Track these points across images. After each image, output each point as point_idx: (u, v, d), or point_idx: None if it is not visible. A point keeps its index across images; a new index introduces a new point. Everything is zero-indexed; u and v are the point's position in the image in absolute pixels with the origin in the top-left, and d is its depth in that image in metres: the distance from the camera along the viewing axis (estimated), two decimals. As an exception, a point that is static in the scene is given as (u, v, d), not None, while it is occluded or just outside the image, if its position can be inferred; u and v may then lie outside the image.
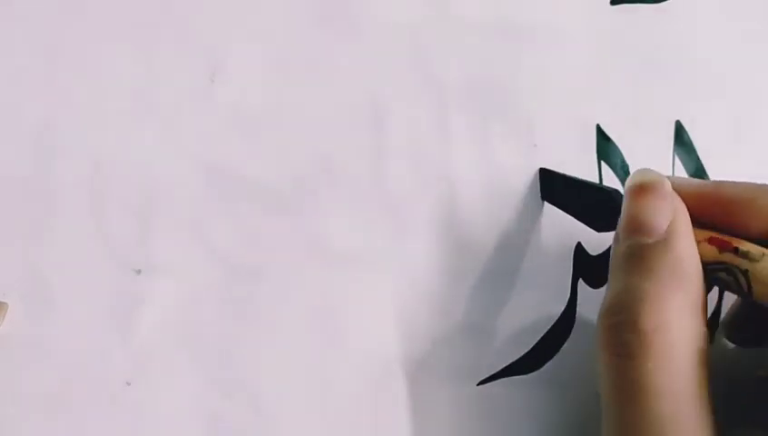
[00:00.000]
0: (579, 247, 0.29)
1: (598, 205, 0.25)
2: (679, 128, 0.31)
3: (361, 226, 0.28)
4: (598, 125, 0.30)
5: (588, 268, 0.29)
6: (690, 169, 0.31)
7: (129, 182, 0.27)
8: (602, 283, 0.29)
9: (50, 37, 0.27)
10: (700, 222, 0.24)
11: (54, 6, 0.27)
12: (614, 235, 0.25)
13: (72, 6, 0.27)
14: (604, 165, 0.30)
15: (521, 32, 0.29)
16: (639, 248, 0.23)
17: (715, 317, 0.29)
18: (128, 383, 0.26)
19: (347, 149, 0.28)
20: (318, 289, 0.27)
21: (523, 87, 0.29)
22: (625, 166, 0.30)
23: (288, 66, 0.28)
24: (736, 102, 0.31)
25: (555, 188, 0.29)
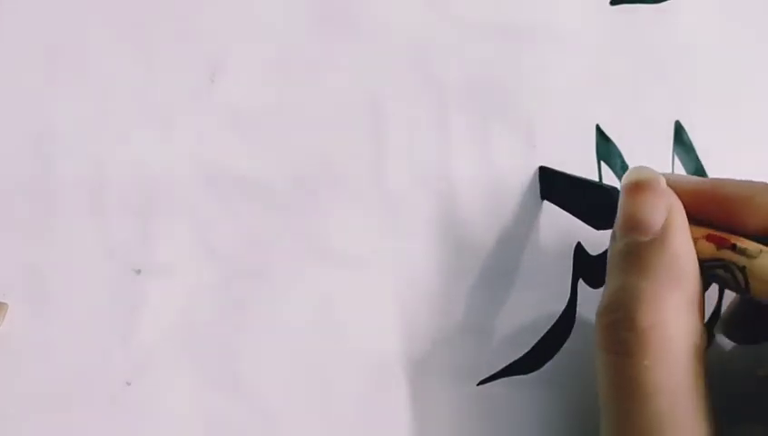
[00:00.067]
0: (579, 247, 0.29)
1: (598, 203, 0.25)
2: (678, 128, 0.31)
3: (361, 226, 0.28)
4: (598, 125, 0.30)
5: (588, 268, 0.29)
6: (689, 169, 0.31)
7: (129, 182, 0.27)
8: (602, 283, 0.29)
9: (50, 37, 0.27)
10: (697, 219, 0.24)
11: (54, 6, 0.27)
12: (611, 233, 0.25)
13: (72, 6, 0.27)
14: (603, 165, 0.30)
15: (521, 32, 0.29)
16: (635, 246, 0.23)
17: (715, 317, 0.29)
18: (128, 383, 0.26)
19: (347, 149, 0.28)
20: (318, 289, 0.27)
21: (523, 87, 0.29)
22: (625, 166, 0.30)
23: (288, 66, 0.28)
24: (736, 102, 0.31)
25: (554, 186, 0.29)
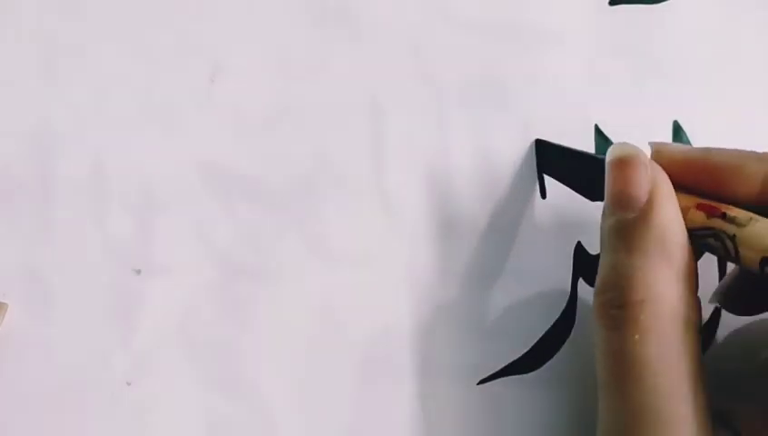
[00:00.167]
0: (579, 246, 0.29)
1: (594, 176, 0.25)
2: (677, 128, 0.31)
3: (361, 226, 0.28)
4: (596, 125, 0.30)
5: (588, 267, 0.29)
6: (688, 169, 0.31)
7: (129, 182, 0.27)
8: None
9: (50, 37, 0.27)
10: (688, 188, 0.24)
11: (54, 6, 0.27)
12: (601, 211, 0.25)
13: (72, 6, 0.27)
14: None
15: (521, 32, 0.30)
16: (623, 223, 0.24)
17: (714, 320, 0.30)
18: (128, 383, 0.26)
19: (347, 149, 0.28)
20: (317, 289, 0.27)
21: (522, 87, 0.29)
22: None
23: (288, 66, 0.28)
24: (734, 102, 0.31)
25: (550, 159, 0.29)
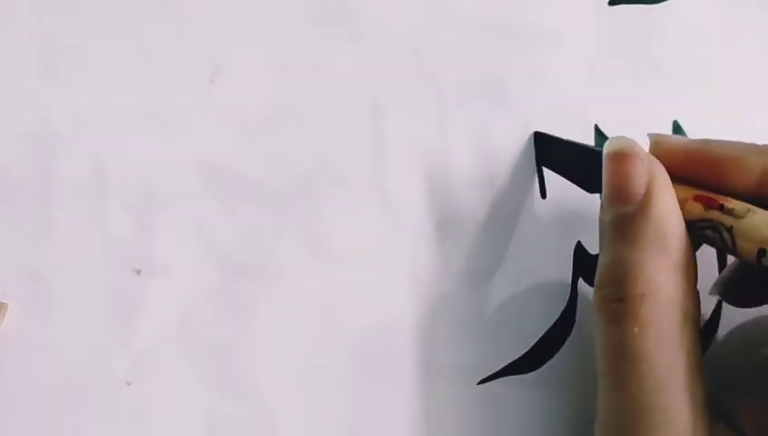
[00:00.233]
0: (579, 246, 0.29)
1: (592, 168, 0.25)
2: (676, 128, 0.31)
3: (361, 226, 0.28)
4: (596, 125, 0.30)
5: (588, 267, 0.29)
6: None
7: (129, 182, 0.27)
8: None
9: (50, 37, 0.27)
10: (686, 179, 0.24)
11: (54, 6, 0.27)
12: (600, 205, 0.25)
13: (72, 6, 0.27)
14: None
15: (521, 32, 0.30)
16: (621, 217, 0.24)
17: (713, 323, 0.30)
18: (128, 383, 0.26)
19: (347, 149, 0.28)
20: (317, 289, 0.27)
21: (522, 87, 0.29)
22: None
23: (288, 66, 0.28)
24: (734, 102, 0.31)
25: (549, 152, 0.29)
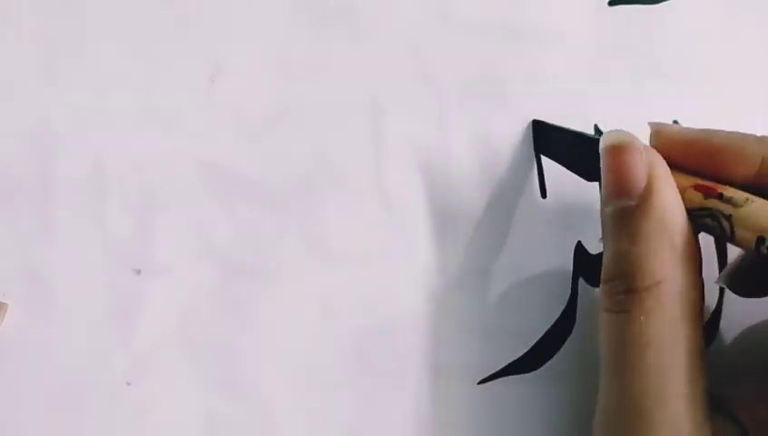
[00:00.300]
0: (579, 246, 0.29)
1: (591, 157, 0.25)
2: (677, 128, 0.31)
3: (361, 226, 0.28)
4: (596, 125, 0.30)
5: (588, 267, 0.29)
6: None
7: (129, 182, 0.27)
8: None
9: (50, 37, 0.27)
10: (685, 168, 0.24)
11: (54, 6, 0.27)
12: (600, 198, 0.25)
13: (72, 6, 0.27)
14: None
15: (521, 32, 0.30)
16: (624, 210, 0.24)
17: (716, 316, 0.30)
18: (128, 383, 0.26)
19: (347, 149, 0.28)
20: (317, 289, 0.27)
21: (522, 87, 0.29)
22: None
23: (288, 66, 0.28)
24: (733, 102, 0.31)
25: (548, 140, 0.29)
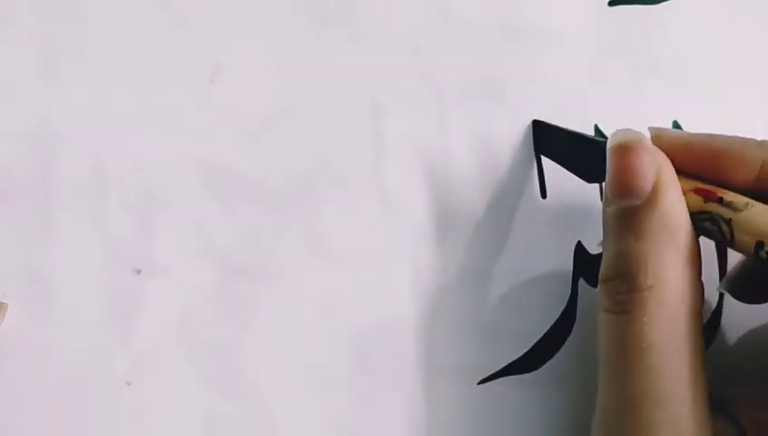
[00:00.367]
0: (579, 246, 0.29)
1: (590, 157, 0.25)
2: (676, 128, 0.31)
3: (361, 226, 0.28)
4: (596, 125, 0.30)
5: (588, 267, 0.29)
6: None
7: (129, 182, 0.27)
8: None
9: (50, 37, 0.27)
10: (685, 172, 0.24)
11: (54, 6, 0.27)
12: (603, 197, 0.25)
13: (72, 6, 0.27)
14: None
15: (521, 32, 0.30)
16: (628, 210, 0.24)
17: (716, 317, 0.30)
18: (128, 383, 0.26)
19: (347, 149, 0.28)
20: (317, 289, 0.27)
21: (522, 87, 0.29)
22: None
23: (288, 66, 0.28)
24: (734, 102, 0.31)
25: (548, 140, 0.29)
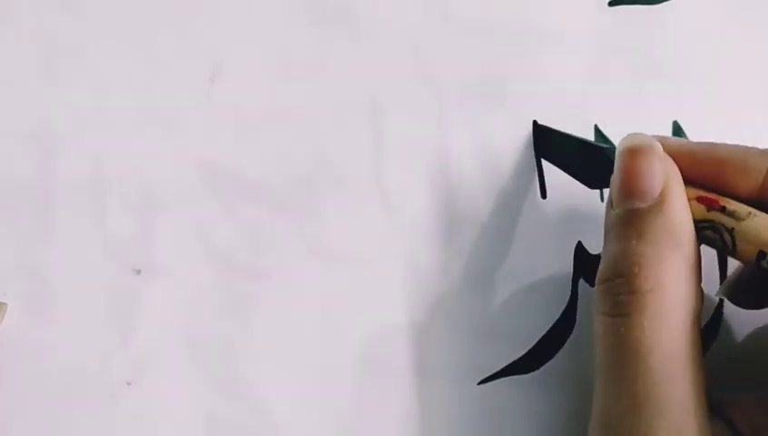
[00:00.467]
0: (579, 246, 0.29)
1: (592, 162, 0.25)
2: (677, 128, 0.31)
3: (361, 226, 0.28)
4: (596, 125, 0.30)
5: (588, 267, 0.29)
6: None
7: (129, 182, 0.27)
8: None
9: (50, 37, 0.27)
10: (689, 180, 0.24)
11: (54, 6, 0.27)
12: (606, 199, 0.25)
13: (72, 6, 0.27)
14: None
15: (521, 32, 0.30)
16: (633, 212, 0.24)
17: (715, 322, 0.30)
18: (128, 383, 0.26)
19: (347, 149, 0.28)
20: (317, 289, 0.27)
21: (522, 87, 0.29)
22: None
23: (288, 66, 0.28)
24: (734, 102, 0.31)
25: (549, 144, 0.29)
